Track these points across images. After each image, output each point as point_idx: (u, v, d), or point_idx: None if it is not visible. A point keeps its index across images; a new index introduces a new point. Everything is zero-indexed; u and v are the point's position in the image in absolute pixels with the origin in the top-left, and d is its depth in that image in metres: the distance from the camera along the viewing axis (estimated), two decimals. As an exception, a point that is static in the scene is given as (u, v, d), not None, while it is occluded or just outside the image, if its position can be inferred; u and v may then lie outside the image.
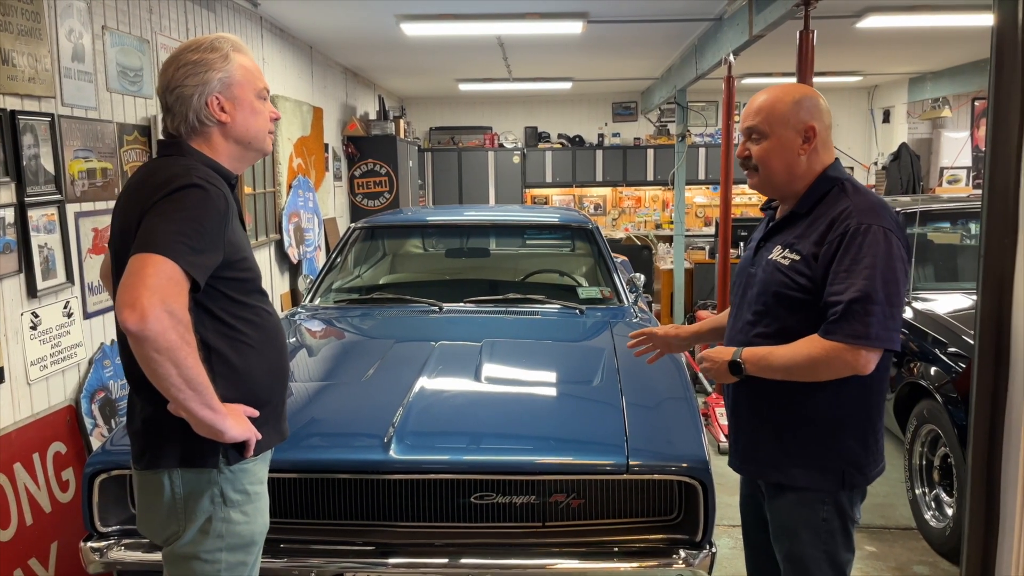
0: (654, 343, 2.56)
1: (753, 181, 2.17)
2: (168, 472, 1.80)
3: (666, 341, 2.54)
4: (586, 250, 4.67)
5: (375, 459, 2.46)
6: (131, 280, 1.57)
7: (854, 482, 2.07)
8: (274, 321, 1.94)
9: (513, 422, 2.73)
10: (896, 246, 1.96)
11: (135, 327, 1.54)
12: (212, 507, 1.81)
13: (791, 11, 4.29)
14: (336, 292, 4.25)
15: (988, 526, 2.07)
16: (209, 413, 1.67)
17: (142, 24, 3.94)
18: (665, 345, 2.56)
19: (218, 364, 1.75)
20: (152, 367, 1.59)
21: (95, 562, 2.51)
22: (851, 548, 2.13)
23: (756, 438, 2.17)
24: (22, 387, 2.99)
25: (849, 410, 2.05)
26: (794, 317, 2.03)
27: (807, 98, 2.08)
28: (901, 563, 3.60)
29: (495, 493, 2.51)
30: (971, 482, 2.10)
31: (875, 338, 1.89)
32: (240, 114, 1.87)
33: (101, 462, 2.50)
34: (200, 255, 1.65)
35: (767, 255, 2.13)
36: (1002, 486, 2.04)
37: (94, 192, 3.45)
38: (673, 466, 2.44)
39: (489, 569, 2.44)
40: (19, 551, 2.86)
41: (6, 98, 2.90)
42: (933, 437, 3.79)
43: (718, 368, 2.09)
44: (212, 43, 1.85)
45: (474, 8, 5.64)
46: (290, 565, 2.45)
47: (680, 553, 2.46)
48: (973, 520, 2.09)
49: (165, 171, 1.74)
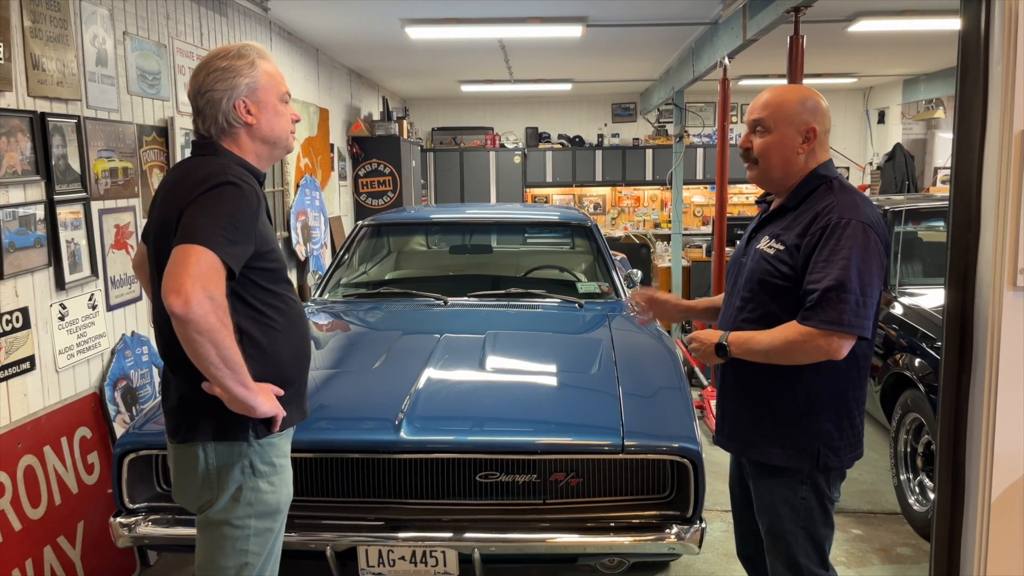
0: (651, 306, 2.71)
1: (752, 173, 2.31)
2: (202, 445, 1.97)
3: (663, 306, 2.69)
4: (585, 247, 4.84)
5: (386, 439, 2.62)
6: (176, 268, 1.74)
7: (829, 464, 2.20)
8: (298, 308, 2.11)
9: (515, 406, 2.90)
10: (874, 241, 2.08)
11: (180, 310, 1.71)
12: (242, 477, 1.98)
13: (782, 16, 4.44)
14: (345, 287, 4.41)
15: (955, 501, 2.23)
16: (243, 390, 1.84)
17: (159, 29, 4.11)
18: (660, 310, 2.71)
19: (249, 346, 1.92)
20: (194, 347, 1.75)
21: (124, 536, 2.68)
22: (830, 524, 2.27)
23: (739, 418, 2.32)
24: (51, 374, 3.16)
25: (824, 395, 2.18)
26: (776, 303, 2.18)
27: (812, 100, 2.22)
28: (885, 545, 3.77)
29: (499, 472, 2.67)
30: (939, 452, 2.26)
31: (847, 325, 2.02)
32: (265, 116, 2.04)
33: (131, 442, 2.68)
34: (235, 246, 1.82)
35: (756, 245, 2.28)
36: (967, 462, 2.21)
37: (116, 190, 3.62)
38: (665, 446, 2.61)
39: (493, 543, 2.60)
40: (49, 529, 3.02)
41: (37, 101, 3.07)
42: (917, 425, 3.96)
43: (706, 349, 2.24)
44: (239, 51, 2.02)
45: (477, 12, 5.78)
46: (306, 539, 2.61)
47: (672, 528, 2.62)
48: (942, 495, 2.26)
49: (202, 169, 1.91)
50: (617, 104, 12.20)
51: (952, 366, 2.20)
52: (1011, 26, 1.97)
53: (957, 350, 2.18)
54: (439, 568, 2.62)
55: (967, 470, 2.22)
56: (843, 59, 8.53)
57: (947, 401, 2.23)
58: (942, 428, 2.26)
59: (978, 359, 2.13)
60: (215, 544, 2.00)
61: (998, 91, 2.02)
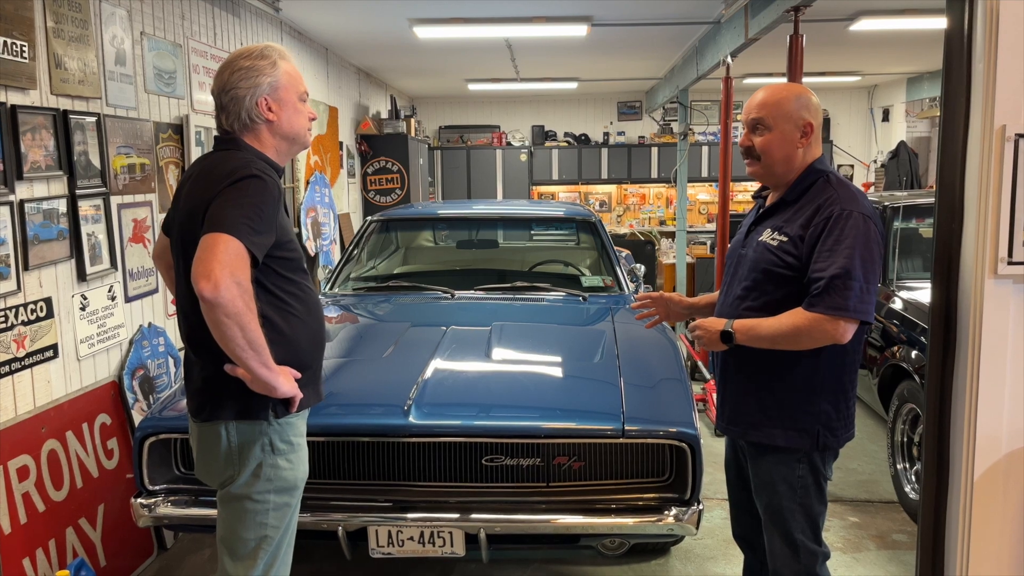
0: (656, 306, 2.78)
1: (753, 169, 2.41)
2: (225, 424, 2.08)
3: (668, 306, 2.76)
4: (589, 242, 4.94)
5: (395, 423, 2.73)
6: (205, 255, 1.85)
7: (827, 443, 2.31)
8: (315, 296, 2.22)
9: (520, 393, 3.00)
10: (873, 231, 2.20)
11: (210, 294, 1.81)
12: (262, 454, 2.10)
13: (783, 16, 4.53)
14: (354, 281, 4.52)
15: (940, 478, 2.33)
16: (266, 371, 1.95)
17: (175, 30, 4.23)
18: (665, 310, 2.77)
19: (269, 331, 2.02)
20: (222, 330, 1.86)
21: (145, 516, 2.80)
22: (823, 502, 2.39)
23: (741, 402, 2.42)
24: (72, 362, 3.28)
25: (824, 377, 2.29)
26: (780, 291, 2.28)
27: (805, 97, 2.33)
28: (882, 532, 3.86)
29: (504, 456, 2.78)
30: (925, 434, 2.36)
31: (853, 310, 2.13)
32: (285, 113, 2.16)
33: (151, 426, 2.79)
34: (260, 235, 1.94)
35: (758, 237, 2.38)
36: (951, 440, 2.30)
37: (134, 186, 3.74)
38: (664, 431, 2.71)
39: (498, 523, 2.70)
40: (71, 511, 3.14)
41: (59, 99, 3.19)
42: (914, 416, 4.05)
43: (710, 336, 2.34)
44: (262, 51, 2.13)
45: (483, 12, 5.87)
46: (318, 519, 2.72)
47: (671, 510, 2.72)
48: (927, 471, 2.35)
49: (228, 163, 2.02)
50: (622, 102, 12.29)
51: (937, 351, 2.30)
52: (992, 25, 2.06)
53: (942, 336, 2.28)
54: (446, 548, 2.73)
55: (951, 451, 2.31)
56: (847, 57, 8.60)
57: (932, 385, 2.32)
58: (928, 411, 2.36)
59: (961, 345, 2.23)
60: (236, 517, 2.12)
61: (980, 88, 2.12)
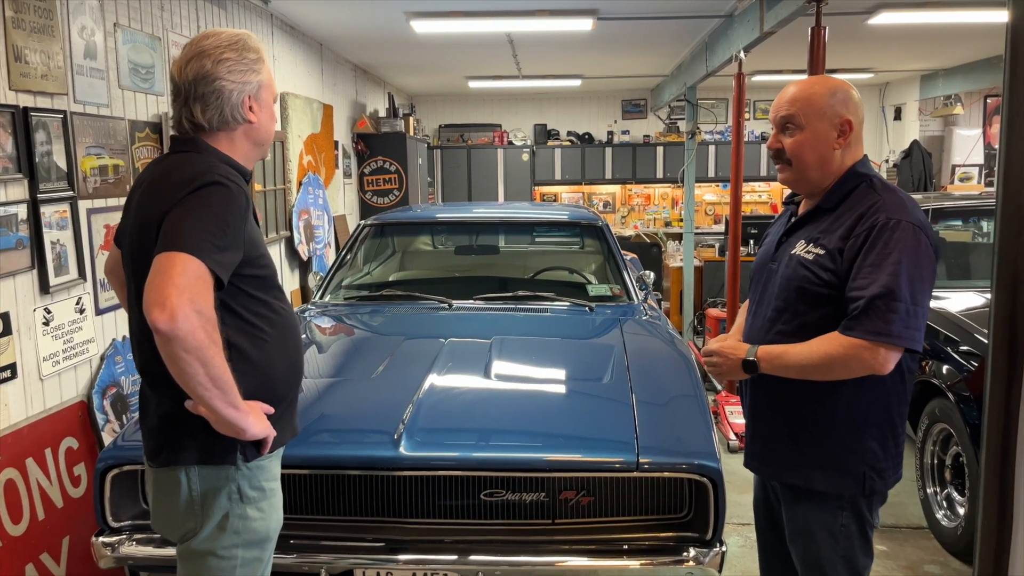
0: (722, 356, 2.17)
1: (785, 175, 2.11)
2: (186, 469, 1.80)
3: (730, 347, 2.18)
4: (595, 247, 4.67)
5: (385, 456, 2.46)
6: (159, 279, 1.56)
7: (874, 487, 2.03)
8: (290, 317, 1.94)
9: (523, 419, 2.73)
10: (924, 244, 1.91)
11: (165, 326, 1.53)
12: (229, 504, 1.82)
13: (802, 7, 4.26)
14: (346, 289, 4.26)
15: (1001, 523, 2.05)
16: (232, 411, 1.67)
17: (153, 21, 3.96)
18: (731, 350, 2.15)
19: (238, 360, 1.75)
20: (180, 366, 1.58)
21: (107, 557, 2.53)
22: (869, 553, 2.10)
23: (774, 439, 2.13)
24: (35, 383, 3.01)
25: (868, 411, 2.01)
26: (816, 313, 1.99)
27: (843, 91, 2.04)
28: (912, 562, 3.59)
29: (505, 490, 2.51)
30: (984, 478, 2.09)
31: (896, 336, 1.85)
32: (263, 116, 1.91)
33: (113, 457, 2.51)
34: (224, 253, 1.65)
35: (789, 250, 2.08)
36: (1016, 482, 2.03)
37: (106, 189, 3.47)
38: (683, 464, 2.43)
39: (499, 566, 2.44)
40: (31, 546, 2.87)
41: (19, 95, 2.92)
42: (945, 436, 3.77)
43: (731, 365, 2.06)
44: (245, 43, 1.85)
45: (484, 5, 5.64)
46: (300, 561, 2.46)
47: (690, 551, 2.45)
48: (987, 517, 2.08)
49: (187, 168, 1.74)
50: (627, 100, 12.03)
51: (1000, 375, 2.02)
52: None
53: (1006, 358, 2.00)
54: (441, 592, 2.46)
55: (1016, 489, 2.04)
56: (860, 54, 8.36)
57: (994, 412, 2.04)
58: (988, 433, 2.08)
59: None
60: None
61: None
